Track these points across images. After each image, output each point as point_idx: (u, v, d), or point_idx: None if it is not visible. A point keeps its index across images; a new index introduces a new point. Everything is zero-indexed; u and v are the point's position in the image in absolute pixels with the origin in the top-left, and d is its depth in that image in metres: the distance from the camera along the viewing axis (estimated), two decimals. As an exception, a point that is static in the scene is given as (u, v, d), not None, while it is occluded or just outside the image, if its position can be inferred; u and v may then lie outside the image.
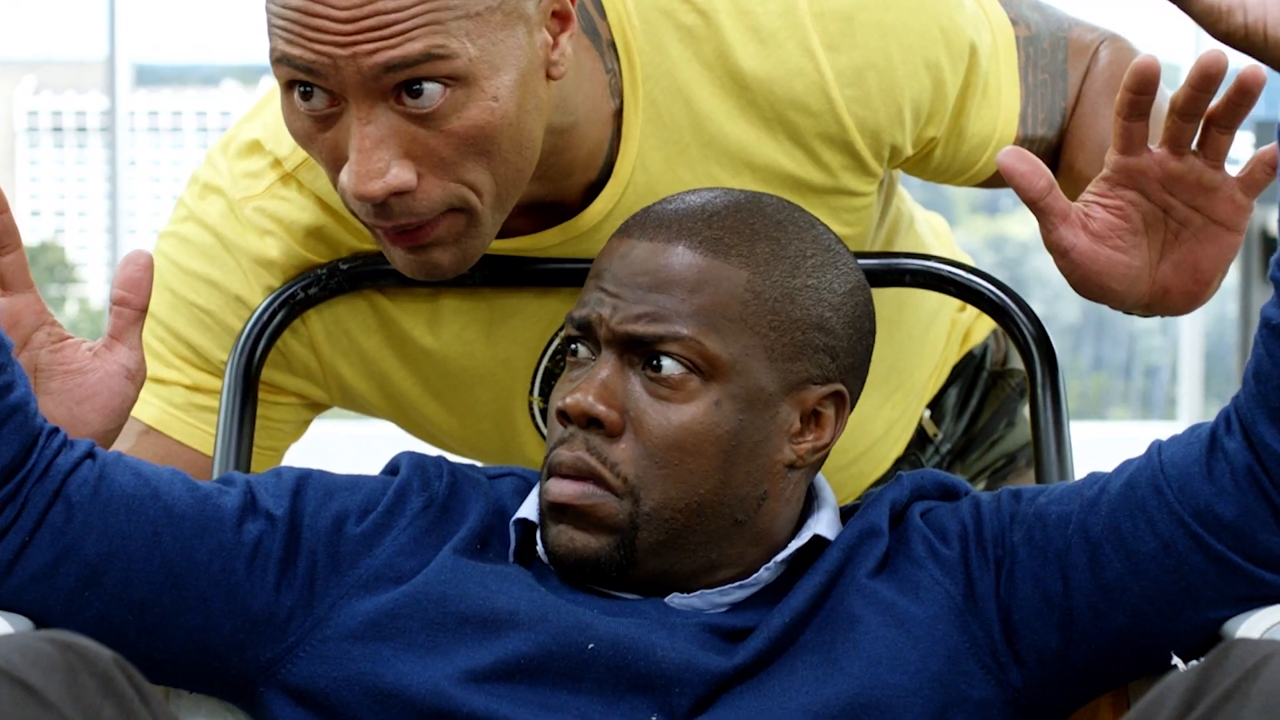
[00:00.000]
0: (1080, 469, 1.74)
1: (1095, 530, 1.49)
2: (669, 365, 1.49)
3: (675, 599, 1.52)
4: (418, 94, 1.52)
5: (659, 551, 1.51)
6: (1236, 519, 1.44)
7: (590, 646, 1.47)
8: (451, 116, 1.53)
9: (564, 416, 1.51)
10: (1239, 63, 1.51)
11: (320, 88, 1.53)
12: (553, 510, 1.51)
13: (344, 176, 1.54)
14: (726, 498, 1.51)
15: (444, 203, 1.56)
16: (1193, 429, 1.50)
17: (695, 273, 1.51)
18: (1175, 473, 1.47)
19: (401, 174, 1.54)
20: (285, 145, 1.75)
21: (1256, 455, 1.43)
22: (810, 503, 1.59)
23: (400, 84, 1.52)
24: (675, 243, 1.52)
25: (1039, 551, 1.51)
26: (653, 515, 1.49)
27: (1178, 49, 5.33)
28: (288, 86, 1.55)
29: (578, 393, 1.50)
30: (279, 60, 1.54)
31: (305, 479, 1.57)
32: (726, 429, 1.50)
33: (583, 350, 1.53)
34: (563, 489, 1.50)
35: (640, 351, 1.51)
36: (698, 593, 1.53)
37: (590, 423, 1.50)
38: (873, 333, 1.58)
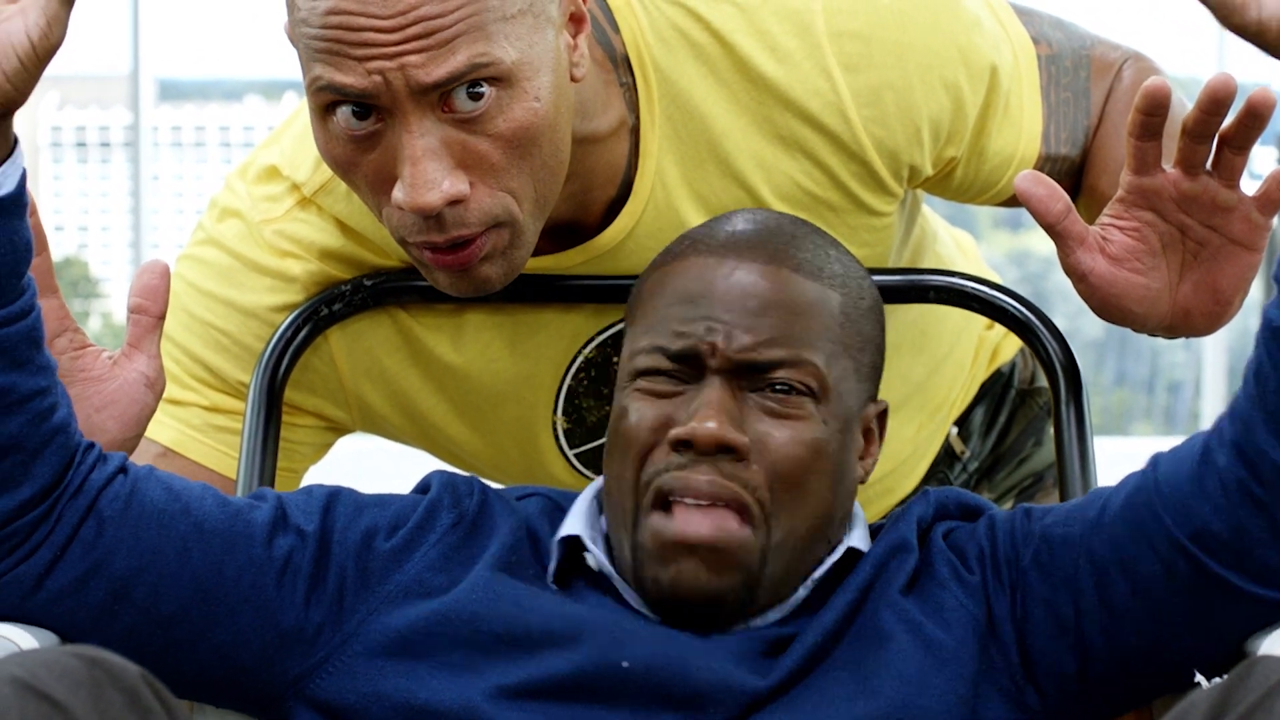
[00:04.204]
0: (1102, 484, 1.73)
1: (1100, 553, 1.49)
2: (787, 389, 1.50)
3: None
4: (466, 97, 1.53)
5: (774, 585, 1.51)
6: (1232, 536, 1.44)
7: (625, 665, 1.47)
8: (498, 118, 1.54)
9: (684, 445, 1.48)
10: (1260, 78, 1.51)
11: (368, 105, 1.53)
12: (680, 547, 1.48)
13: (398, 192, 1.54)
14: (832, 519, 1.53)
15: (492, 215, 1.57)
16: (1188, 441, 1.49)
17: (800, 296, 1.52)
18: (1170, 492, 1.46)
19: (456, 183, 1.54)
20: (303, 170, 1.75)
21: (1249, 464, 1.43)
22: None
23: (449, 91, 1.52)
24: (772, 265, 1.53)
25: (1048, 575, 1.51)
26: (780, 546, 1.49)
27: (1198, 64, 5.33)
28: (327, 110, 1.55)
29: (698, 420, 1.48)
30: (323, 88, 1.53)
31: (335, 496, 1.58)
32: (834, 448, 1.52)
33: (669, 378, 1.51)
34: (700, 528, 1.47)
35: (753, 377, 1.51)
36: (741, 624, 1.52)
37: (721, 449, 1.48)
38: None
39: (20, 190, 1.42)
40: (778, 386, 1.50)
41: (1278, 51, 1.45)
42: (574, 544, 1.55)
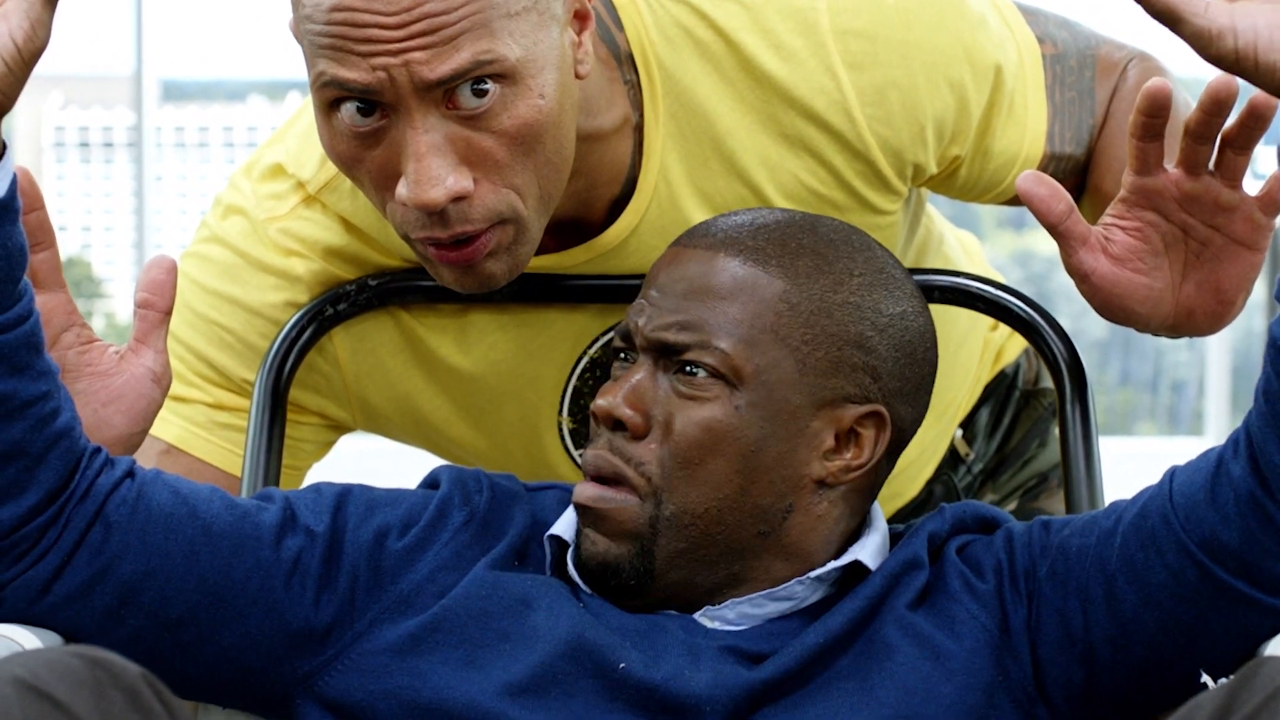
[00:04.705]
0: (1107, 484, 1.73)
1: (1111, 562, 1.49)
2: (697, 371, 1.51)
3: (708, 612, 1.52)
4: (471, 94, 1.53)
5: (679, 562, 1.51)
6: (1240, 546, 1.43)
7: (621, 666, 1.47)
8: (502, 115, 1.54)
9: (595, 419, 1.54)
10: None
11: (372, 101, 1.53)
12: (578, 513, 1.53)
13: (402, 189, 1.55)
14: (747, 505, 1.51)
15: (496, 212, 1.57)
16: (1206, 453, 1.49)
17: (731, 282, 1.52)
18: (1183, 501, 1.46)
19: (460, 180, 1.55)
20: (308, 169, 1.75)
21: (1262, 479, 1.42)
22: (862, 529, 1.58)
23: (453, 87, 1.53)
24: (717, 252, 1.54)
25: (1061, 585, 1.51)
26: (674, 520, 1.50)
27: (1202, 63, 5.32)
28: (331, 106, 1.55)
29: (607, 395, 1.52)
30: (327, 84, 1.54)
31: (346, 495, 1.58)
32: (747, 434, 1.50)
33: (627, 358, 1.56)
34: (584, 491, 1.52)
35: (672, 358, 1.52)
36: (727, 603, 1.52)
37: (616, 425, 1.52)
38: (928, 361, 1.58)
39: (11, 195, 1.41)
40: (691, 369, 1.51)
41: (1257, 79, 1.44)
42: (564, 544, 1.56)
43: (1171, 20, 1.43)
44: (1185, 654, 1.47)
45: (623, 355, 1.56)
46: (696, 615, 1.52)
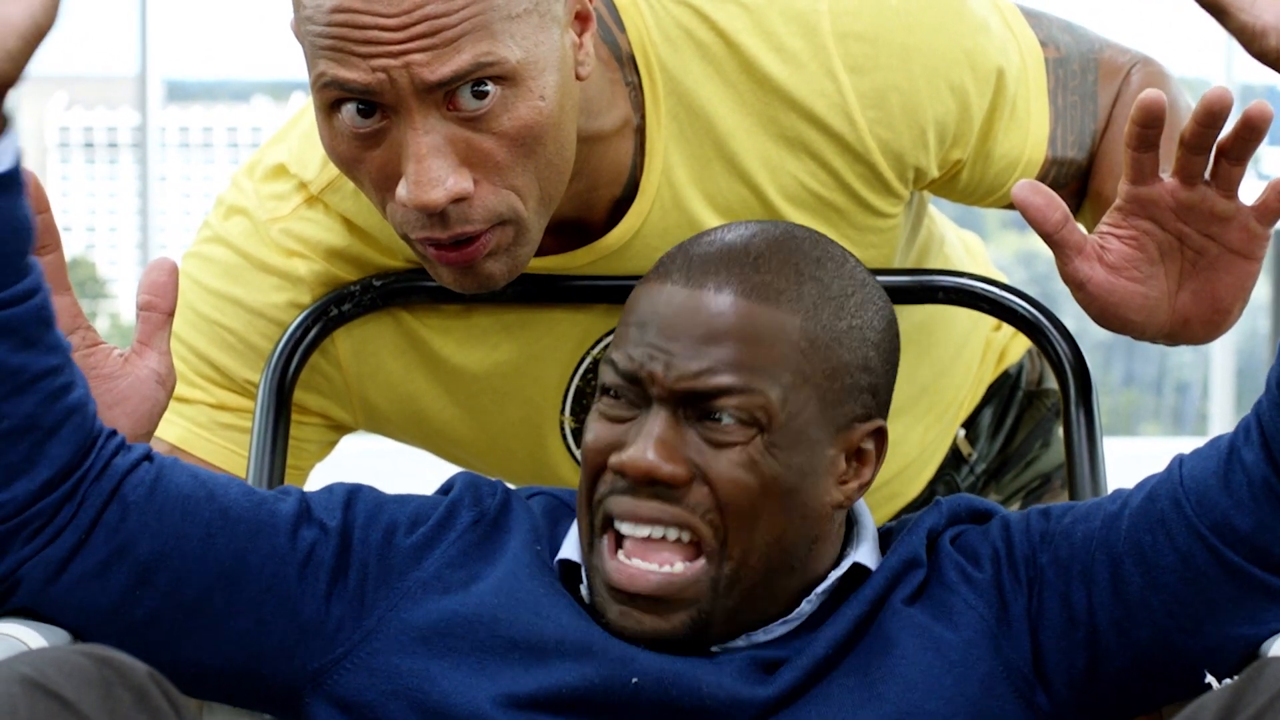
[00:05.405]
0: (1111, 485, 1.73)
1: (1117, 545, 1.49)
2: (727, 419, 1.47)
3: (721, 646, 1.51)
4: (471, 96, 1.53)
5: (730, 616, 1.49)
6: (1253, 531, 1.44)
7: (634, 680, 1.46)
8: (502, 116, 1.55)
9: (620, 474, 1.48)
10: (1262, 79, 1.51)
11: (373, 102, 1.54)
12: (620, 598, 1.48)
13: (402, 190, 1.55)
14: (786, 546, 1.49)
15: (496, 213, 1.57)
16: (1214, 441, 1.50)
17: (750, 323, 1.48)
18: (1194, 485, 1.47)
19: (460, 181, 1.55)
20: (310, 169, 1.76)
21: (1276, 467, 1.43)
22: (849, 530, 1.57)
23: (454, 89, 1.53)
24: (724, 290, 1.48)
25: (1064, 570, 1.51)
26: (733, 580, 1.47)
27: (1207, 66, 5.33)
28: (332, 107, 1.56)
29: (634, 449, 1.47)
30: (328, 84, 1.54)
31: (355, 492, 1.58)
32: (782, 475, 1.47)
33: (625, 400, 1.50)
34: (635, 580, 1.47)
35: (695, 406, 1.47)
36: (742, 637, 1.51)
37: (652, 481, 1.47)
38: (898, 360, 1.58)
39: (15, 169, 1.41)
40: (718, 416, 1.47)
41: None
42: (573, 565, 1.55)
43: (1218, 12, 1.46)
44: (1189, 638, 1.48)
45: (616, 394, 1.50)
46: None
